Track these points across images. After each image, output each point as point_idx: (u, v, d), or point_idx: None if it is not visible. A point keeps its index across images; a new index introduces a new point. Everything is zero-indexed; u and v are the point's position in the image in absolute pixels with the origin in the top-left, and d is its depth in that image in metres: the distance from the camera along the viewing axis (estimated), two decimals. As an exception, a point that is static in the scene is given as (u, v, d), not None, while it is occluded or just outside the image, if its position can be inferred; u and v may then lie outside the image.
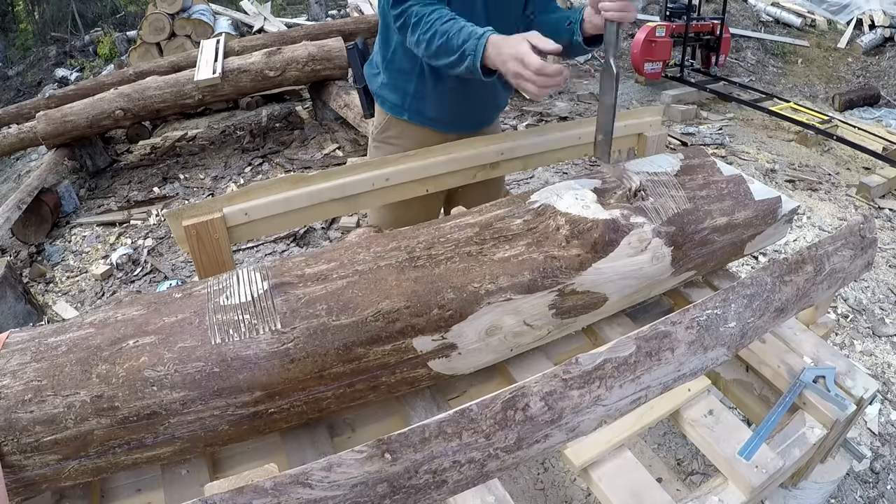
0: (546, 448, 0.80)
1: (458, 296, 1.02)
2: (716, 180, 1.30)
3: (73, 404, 0.84)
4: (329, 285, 0.99)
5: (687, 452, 1.94)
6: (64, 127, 4.17)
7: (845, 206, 3.67)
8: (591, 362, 0.81)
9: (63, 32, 10.29)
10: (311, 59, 4.49)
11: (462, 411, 0.73)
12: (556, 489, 1.83)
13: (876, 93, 5.91)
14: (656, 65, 5.82)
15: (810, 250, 1.11)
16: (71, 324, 0.95)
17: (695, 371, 0.91)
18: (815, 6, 8.06)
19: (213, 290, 0.99)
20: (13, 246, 3.63)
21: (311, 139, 4.68)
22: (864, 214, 1.23)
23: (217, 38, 4.82)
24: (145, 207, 3.92)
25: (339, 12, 8.33)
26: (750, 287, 0.99)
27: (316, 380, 0.95)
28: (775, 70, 6.89)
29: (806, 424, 1.14)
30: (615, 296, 1.17)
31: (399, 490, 0.70)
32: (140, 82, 4.36)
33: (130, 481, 1.00)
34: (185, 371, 0.88)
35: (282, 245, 3.32)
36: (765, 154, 4.38)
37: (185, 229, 1.28)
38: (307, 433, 1.05)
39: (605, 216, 1.14)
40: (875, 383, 1.20)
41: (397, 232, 1.16)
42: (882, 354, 2.43)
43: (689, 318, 0.90)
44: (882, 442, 2.03)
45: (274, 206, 1.39)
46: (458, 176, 1.60)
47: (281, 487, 0.64)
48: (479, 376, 1.18)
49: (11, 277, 2.83)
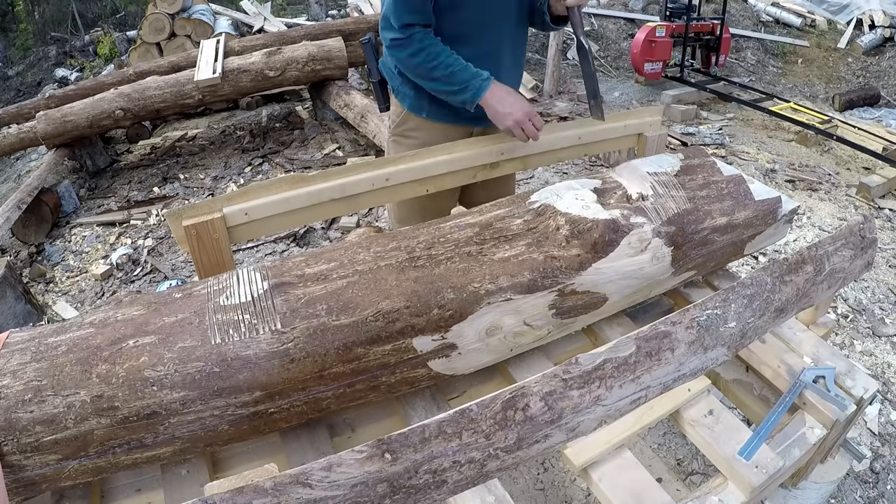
0: (546, 448, 0.80)
1: (458, 296, 1.02)
2: (716, 180, 1.30)
3: (73, 404, 0.84)
4: (329, 285, 0.99)
5: (687, 452, 1.94)
6: (64, 127, 4.16)
7: (845, 207, 3.67)
8: (591, 362, 0.81)
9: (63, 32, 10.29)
10: (311, 59, 4.49)
11: (462, 411, 0.73)
12: (556, 489, 1.83)
13: (876, 93, 5.91)
14: (656, 65, 5.82)
15: (810, 250, 1.11)
16: (71, 324, 0.95)
17: (695, 371, 0.91)
18: (815, 6, 8.06)
19: (213, 290, 0.99)
20: (13, 246, 3.63)
21: (311, 139, 4.68)
22: (864, 214, 1.23)
23: (217, 38, 4.82)
24: (145, 207, 3.92)
25: (339, 12, 8.33)
26: (750, 287, 0.99)
27: (316, 380, 0.95)
28: (775, 70, 6.89)
29: (806, 424, 1.14)
30: (615, 296, 1.17)
31: (399, 490, 0.70)
32: (140, 82, 4.36)
33: (130, 481, 1.00)
34: (185, 371, 0.88)
35: (282, 245, 3.32)
36: (765, 154, 4.38)
37: (185, 229, 1.28)
38: (307, 433, 1.05)
39: (605, 216, 1.14)
40: (875, 383, 1.20)
41: (397, 232, 1.16)
42: (882, 354, 2.43)
43: (689, 318, 0.90)
44: (882, 442, 2.03)
45: (274, 206, 1.39)
46: (459, 176, 1.60)
47: (281, 487, 0.64)
48: (479, 376, 1.18)
49: (11, 277, 2.83)
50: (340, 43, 4.64)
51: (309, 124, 4.91)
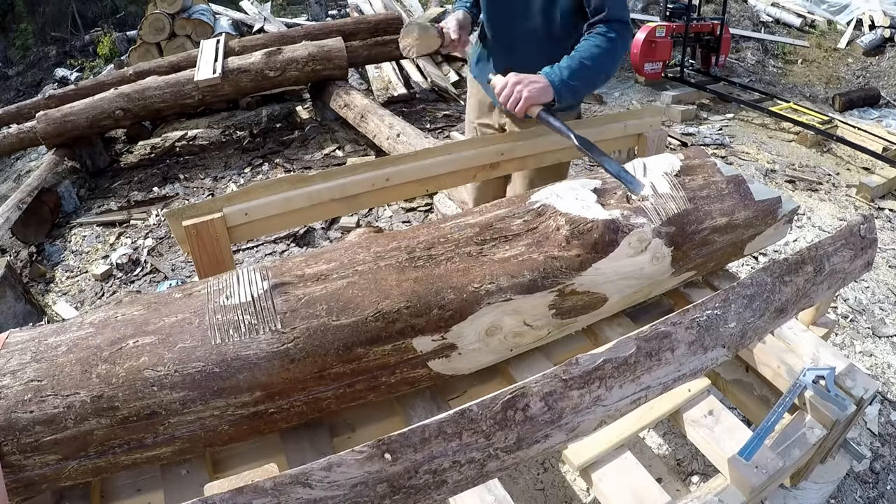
0: (546, 448, 0.79)
1: (458, 296, 1.02)
2: (716, 180, 1.30)
3: (73, 404, 0.83)
4: (329, 285, 0.99)
5: (687, 452, 1.94)
6: (64, 127, 4.16)
7: (845, 207, 3.67)
8: (591, 362, 0.81)
9: (63, 32, 10.29)
10: (311, 59, 4.49)
11: (462, 411, 0.73)
12: (556, 489, 1.83)
13: (876, 93, 5.90)
14: (656, 65, 5.82)
15: (810, 250, 1.11)
16: (71, 324, 0.95)
17: (695, 371, 0.91)
18: (814, 6, 8.06)
19: (214, 290, 0.99)
20: (13, 246, 3.63)
21: (311, 139, 4.68)
22: (864, 215, 1.23)
23: (217, 38, 4.81)
24: (145, 207, 3.92)
25: (339, 12, 8.33)
26: (750, 287, 0.98)
27: (316, 380, 0.95)
28: (775, 70, 6.89)
29: (806, 425, 1.14)
30: (615, 296, 1.17)
31: (399, 490, 0.70)
32: (140, 82, 4.36)
33: (130, 481, 1.00)
34: (185, 371, 0.88)
35: (282, 245, 3.32)
36: (765, 154, 4.38)
37: (185, 229, 1.28)
38: (307, 433, 1.05)
39: (605, 216, 1.14)
40: (875, 383, 1.20)
41: (397, 232, 1.16)
42: (882, 355, 2.43)
43: (689, 318, 0.90)
44: (882, 442, 2.02)
45: (274, 206, 1.39)
46: (459, 176, 1.60)
47: (281, 487, 0.64)
48: (479, 376, 1.18)
49: (11, 277, 2.83)
50: (340, 43, 4.63)
51: (309, 124, 4.91)
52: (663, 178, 1.25)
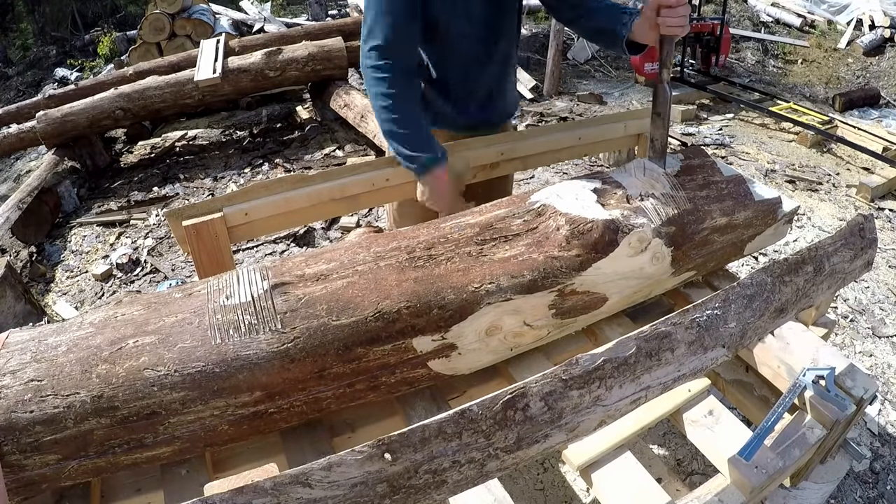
0: (546, 448, 0.79)
1: (458, 296, 1.02)
2: (716, 181, 1.30)
3: (73, 404, 0.84)
4: (329, 285, 0.99)
5: (687, 452, 1.94)
6: (64, 127, 4.17)
7: (845, 207, 3.67)
8: (591, 362, 0.81)
9: (63, 32, 10.29)
10: (311, 59, 4.49)
11: (462, 411, 0.73)
12: (556, 489, 1.83)
13: (876, 93, 5.90)
14: (656, 65, 5.81)
15: (810, 250, 1.11)
16: (71, 324, 0.95)
17: (695, 371, 0.91)
18: (814, 6, 8.05)
19: (214, 289, 0.99)
20: (13, 246, 3.63)
21: (311, 139, 4.68)
22: (864, 215, 1.23)
23: (217, 38, 4.82)
24: (145, 207, 3.92)
25: (339, 12, 8.33)
26: (750, 287, 0.98)
27: (316, 380, 0.95)
28: (775, 70, 6.89)
29: (806, 425, 1.14)
30: (615, 296, 1.17)
31: (399, 490, 0.70)
32: (140, 82, 4.36)
33: (130, 481, 1.00)
34: (185, 371, 0.88)
35: (282, 245, 3.32)
36: (765, 154, 4.38)
37: (185, 229, 1.28)
38: (307, 433, 1.05)
39: (605, 216, 1.14)
40: (875, 383, 1.20)
41: (397, 232, 1.16)
42: (882, 355, 2.43)
43: (689, 318, 0.90)
44: (882, 442, 2.02)
45: (274, 206, 1.39)
46: (458, 176, 1.60)
47: (281, 487, 0.64)
48: (479, 376, 1.18)
49: (11, 277, 2.83)
50: (340, 43, 4.64)
51: (309, 124, 4.91)
52: (663, 178, 1.25)
